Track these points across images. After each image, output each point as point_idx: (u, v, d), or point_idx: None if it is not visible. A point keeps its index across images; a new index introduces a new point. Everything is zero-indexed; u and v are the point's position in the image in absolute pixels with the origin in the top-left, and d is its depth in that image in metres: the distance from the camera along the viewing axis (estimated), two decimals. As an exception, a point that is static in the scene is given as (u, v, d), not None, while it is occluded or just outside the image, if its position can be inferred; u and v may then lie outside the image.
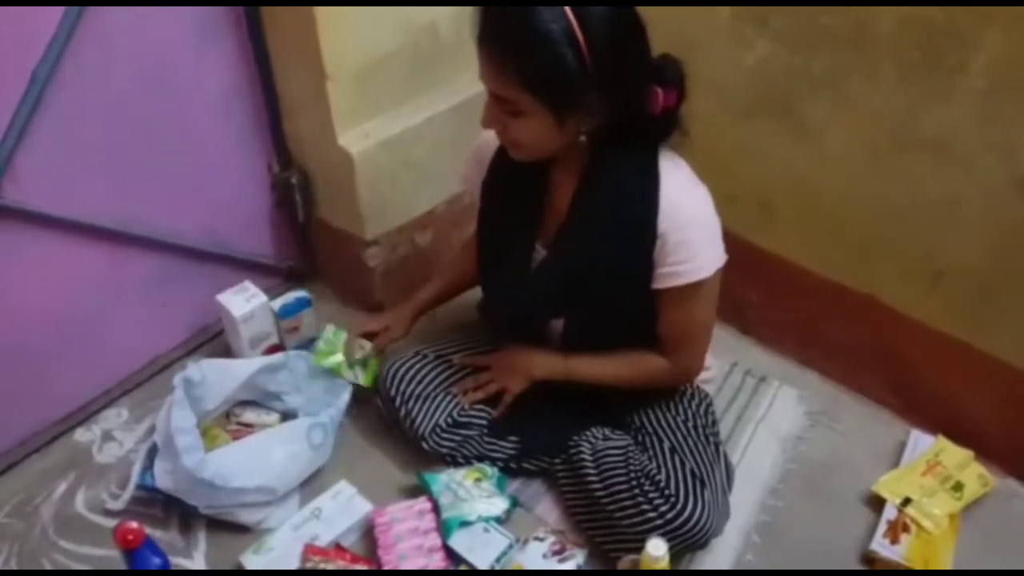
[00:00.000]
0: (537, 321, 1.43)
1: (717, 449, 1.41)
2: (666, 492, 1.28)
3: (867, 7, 1.40)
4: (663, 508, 1.27)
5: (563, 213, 1.29)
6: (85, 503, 1.48)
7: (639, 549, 1.24)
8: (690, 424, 1.41)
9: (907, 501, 1.44)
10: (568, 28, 1.04)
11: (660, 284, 1.25)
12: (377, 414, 1.60)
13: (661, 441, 1.38)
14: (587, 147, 1.21)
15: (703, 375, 1.51)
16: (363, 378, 1.59)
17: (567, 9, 1.04)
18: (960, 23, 1.32)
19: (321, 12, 1.48)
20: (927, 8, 1.34)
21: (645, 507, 1.28)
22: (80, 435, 1.62)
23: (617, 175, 1.22)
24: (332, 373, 1.57)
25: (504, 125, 1.17)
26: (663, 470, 1.31)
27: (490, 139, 1.34)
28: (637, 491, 1.29)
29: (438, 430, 1.48)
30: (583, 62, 1.06)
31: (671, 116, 1.20)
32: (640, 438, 1.41)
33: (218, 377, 1.48)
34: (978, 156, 1.40)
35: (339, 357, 1.57)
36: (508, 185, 1.35)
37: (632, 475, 1.31)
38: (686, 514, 1.26)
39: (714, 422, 1.47)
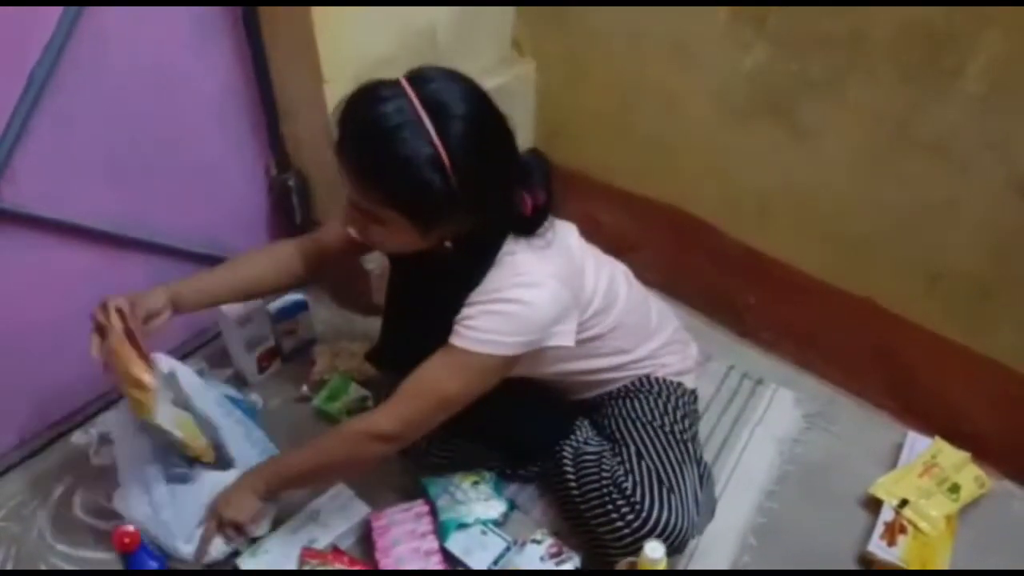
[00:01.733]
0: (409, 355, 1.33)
1: (687, 448, 1.36)
2: (632, 500, 1.27)
3: (865, 9, 1.41)
4: (629, 517, 1.26)
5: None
6: (82, 506, 1.48)
7: (618, 555, 1.26)
8: (656, 424, 1.37)
9: (904, 503, 1.45)
10: (434, 153, 1.02)
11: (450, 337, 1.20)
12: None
13: (628, 446, 1.35)
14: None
15: (673, 368, 1.45)
16: None
17: (432, 133, 1.02)
18: (959, 25, 1.32)
19: (319, 16, 1.48)
20: (925, 10, 1.34)
21: (614, 515, 1.27)
22: (77, 438, 1.60)
23: (462, 254, 1.18)
24: (331, 418, 1.63)
25: (365, 228, 1.15)
26: (630, 477, 1.30)
27: None
28: (607, 499, 1.29)
29: (434, 443, 1.47)
30: (448, 183, 1.04)
31: (541, 214, 1.19)
32: (611, 444, 1.39)
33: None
34: (976, 158, 1.40)
35: (339, 405, 1.64)
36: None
37: (604, 483, 1.30)
38: (651, 522, 1.25)
39: (684, 417, 1.41)
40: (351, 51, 1.58)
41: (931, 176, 1.46)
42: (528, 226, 1.19)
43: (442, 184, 1.04)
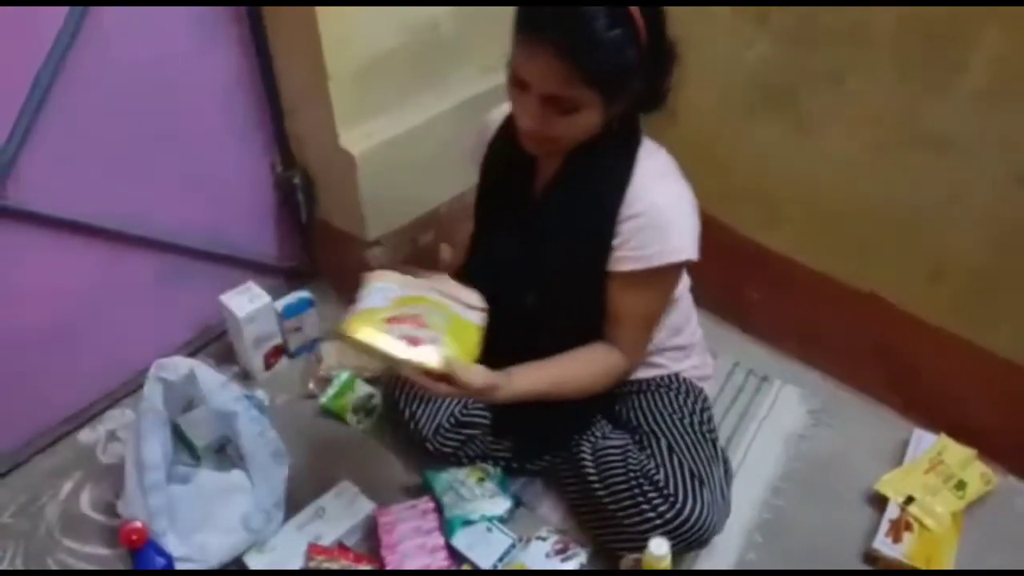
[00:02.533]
0: (511, 296, 1.35)
1: (715, 447, 1.40)
2: (665, 492, 1.28)
3: (867, 6, 1.41)
4: (662, 508, 1.27)
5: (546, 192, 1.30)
6: (90, 503, 1.49)
7: (642, 547, 1.25)
8: (686, 422, 1.40)
9: (910, 500, 1.45)
10: (632, 26, 1.06)
11: (616, 267, 1.24)
12: (381, 413, 1.62)
13: (659, 440, 1.37)
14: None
15: (696, 372, 1.48)
16: (365, 424, 1.64)
17: (633, 10, 1.06)
18: (960, 21, 1.32)
19: (323, 11, 1.48)
20: (927, 7, 1.34)
21: (644, 507, 1.28)
22: (85, 435, 1.62)
23: (595, 159, 1.22)
24: (336, 415, 1.64)
25: (551, 124, 1.13)
26: (662, 469, 1.31)
27: (493, 120, 1.36)
28: (637, 491, 1.29)
29: (442, 430, 1.48)
30: (641, 56, 1.09)
31: (667, 92, 1.22)
32: (638, 437, 1.41)
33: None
34: (978, 152, 1.40)
35: (345, 402, 1.65)
36: (500, 166, 1.35)
37: (631, 474, 1.31)
38: (685, 513, 1.27)
39: (710, 419, 1.46)
40: (355, 47, 1.58)
41: (933, 170, 1.46)
42: (654, 107, 1.23)
43: (635, 54, 1.08)
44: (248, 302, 1.65)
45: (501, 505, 1.43)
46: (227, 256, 1.77)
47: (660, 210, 1.20)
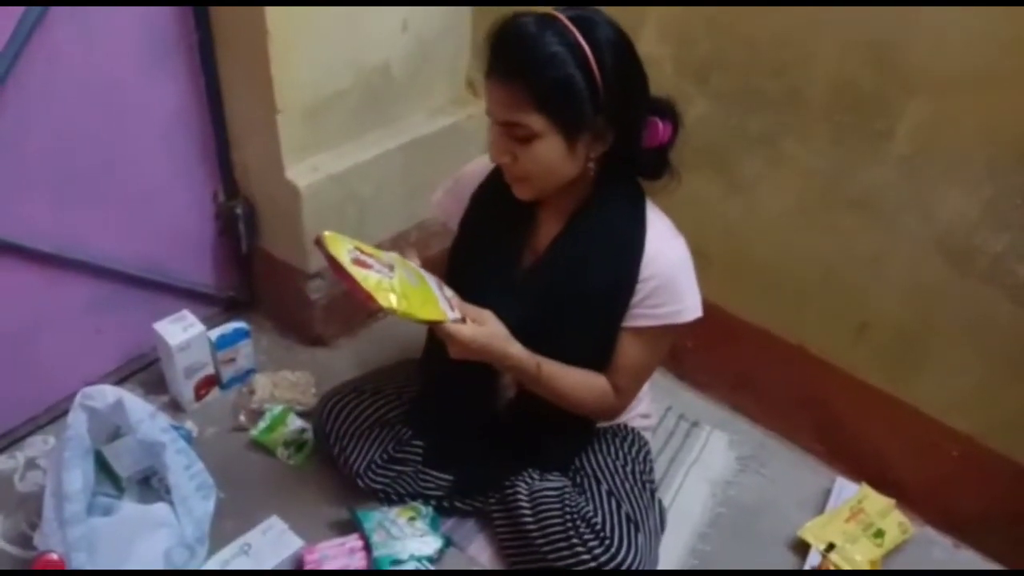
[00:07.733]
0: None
1: (652, 495, 1.43)
2: (601, 534, 1.29)
3: (801, 71, 1.48)
4: (597, 550, 1.28)
5: (540, 253, 1.31)
6: (3, 534, 1.43)
7: None
8: (628, 468, 1.42)
9: (831, 547, 1.48)
10: (577, 49, 1.09)
11: (632, 323, 1.28)
12: (312, 448, 1.60)
13: (599, 483, 1.39)
14: (589, 182, 1.24)
15: (643, 422, 1.53)
16: (296, 459, 1.61)
17: (576, 32, 1.09)
18: (888, 90, 1.40)
19: (275, 46, 1.50)
20: (857, 74, 1.42)
21: (579, 548, 1.29)
22: (2, 462, 1.56)
23: (606, 218, 1.26)
24: (266, 449, 1.62)
25: (514, 155, 1.17)
26: (599, 512, 1.33)
27: (474, 172, 1.37)
28: (572, 532, 1.30)
29: (373, 467, 1.47)
30: (592, 82, 1.11)
31: (664, 154, 1.25)
32: (578, 479, 1.42)
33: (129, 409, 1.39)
34: (902, 216, 1.47)
35: (277, 436, 1.62)
36: (490, 221, 1.35)
37: (568, 516, 1.32)
38: (620, 557, 1.27)
39: (651, 469, 1.49)
40: (306, 83, 1.60)
41: (860, 231, 1.53)
42: (652, 165, 1.26)
43: (585, 81, 1.10)
44: (182, 331, 1.62)
45: (431, 545, 1.42)
46: (163, 283, 1.74)
47: (675, 272, 1.26)
